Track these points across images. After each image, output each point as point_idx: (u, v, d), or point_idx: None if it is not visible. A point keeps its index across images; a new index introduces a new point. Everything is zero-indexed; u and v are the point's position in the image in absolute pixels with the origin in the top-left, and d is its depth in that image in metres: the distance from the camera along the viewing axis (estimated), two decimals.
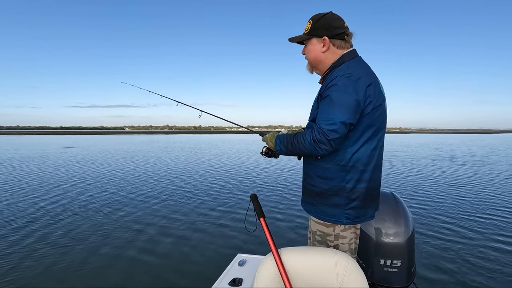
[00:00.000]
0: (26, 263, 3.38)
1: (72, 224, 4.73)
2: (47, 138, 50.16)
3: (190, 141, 37.12)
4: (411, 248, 1.43)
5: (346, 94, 1.22)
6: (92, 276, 3.12)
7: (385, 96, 1.42)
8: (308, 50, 1.44)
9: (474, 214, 5.26)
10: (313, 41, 1.41)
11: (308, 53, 1.45)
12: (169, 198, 6.51)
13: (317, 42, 1.40)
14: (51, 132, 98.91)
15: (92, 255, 3.59)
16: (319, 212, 1.38)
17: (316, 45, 1.41)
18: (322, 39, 1.39)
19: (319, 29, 1.38)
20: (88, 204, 5.99)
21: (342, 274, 1.18)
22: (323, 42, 1.39)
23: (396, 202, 1.52)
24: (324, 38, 1.38)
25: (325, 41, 1.38)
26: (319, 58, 1.41)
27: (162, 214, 5.32)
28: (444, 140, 45.00)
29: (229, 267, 1.90)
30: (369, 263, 1.45)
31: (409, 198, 6.44)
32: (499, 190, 7.49)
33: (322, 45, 1.39)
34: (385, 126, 1.37)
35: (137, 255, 3.61)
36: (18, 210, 5.48)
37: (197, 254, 3.65)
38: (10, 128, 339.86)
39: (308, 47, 1.44)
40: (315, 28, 1.39)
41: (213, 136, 64.98)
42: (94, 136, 62.93)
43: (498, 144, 32.42)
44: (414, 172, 10.60)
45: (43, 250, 3.74)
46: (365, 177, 1.30)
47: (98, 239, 4.12)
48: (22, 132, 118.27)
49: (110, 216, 5.17)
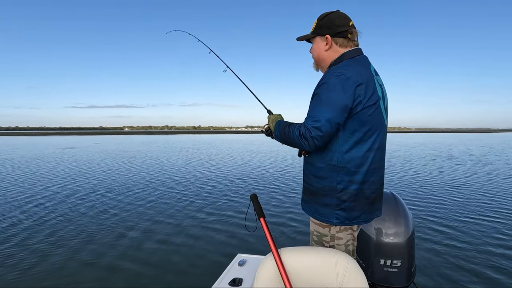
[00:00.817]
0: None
1: (56, 226, 4.63)
2: (46, 138, 50.07)
3: (190, 141, 37.10)
4: (411, 248, 1.43)
5: (333, 92, 1.23)
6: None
7: (385, 97, 1.40)
8: (313, 48, 1.47)
9: (474, 214, 5.27)
10: (317, 40, 1.43)
11: (312, 52, 1.48)
12: (169, 198, 6.50)
13: (321, 40, 1.42)
14: (51, 133, 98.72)
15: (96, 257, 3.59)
16: (313, 210, 1.39)
17: (319, 44, 1.42)
18: (324, 37, 1.40)
19: (322, 28, 1.40)
20: (75, 206, 5.86)
21: (342, 274, 1.18)
22: (325, 40, 1.40)
23: (396, 202, 1.52)
24: (327, 37, 1.39)
25: (328, 40, 1.39)
26: (322, 56, 1.43)
27: (162, 214, 5.32)
28: (443, 139, 45.06)
29: (229, 267, 1.90)
30: (369, 263, 1.45)
31: (409, 198, 6.45)
32: (499, 189, 7.50)
33: (325, 44, 1.41)
34: (382, 128, 1.35)
35: (137, 255, 3.61)
36: (1, 214, 5.33)
37: (197, 254, 3.64)
38: (9, 128, 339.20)
39: (313, 46, 1.47)
40: (318, 26, 1.41)
41: (212, 136, 64.95)
42: (93, 136, 62.83)
43: (496, 144, 32.48)
44: (414, 172, 10.62)
45: (20, 255, 3.59)
46: (356, 178, 1.29)
47: (104, 240, 4.11)
48: (21, 133, 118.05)
49: (112, 217, 5.16)
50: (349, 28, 1.38)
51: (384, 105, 1.37)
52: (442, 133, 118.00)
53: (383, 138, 1.37)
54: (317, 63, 1.48)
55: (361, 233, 1.46)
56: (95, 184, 8.24)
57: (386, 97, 1.41)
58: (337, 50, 1.39)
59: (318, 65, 1.49)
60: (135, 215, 5.25)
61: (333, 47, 1.39)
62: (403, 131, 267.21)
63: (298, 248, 1.30)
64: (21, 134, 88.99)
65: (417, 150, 22.16)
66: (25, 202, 6.20)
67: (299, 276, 1.22)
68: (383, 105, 1.35)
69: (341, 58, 1.37)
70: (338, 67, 1.31)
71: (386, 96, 1.43)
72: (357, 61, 1.34)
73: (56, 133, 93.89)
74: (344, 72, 1.25)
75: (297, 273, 1.22)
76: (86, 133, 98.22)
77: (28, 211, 5.51)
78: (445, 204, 5.97)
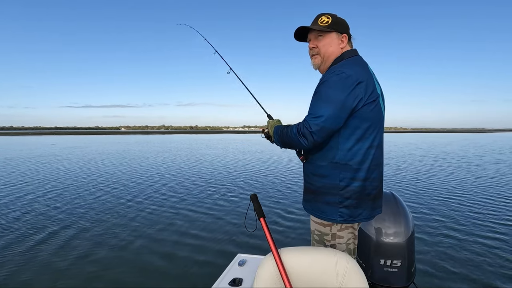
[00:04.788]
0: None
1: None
2: (41, 138, 49.65)
3: (187, 141, 36.98)
4: (411, 248, 1.44)
5: (334, 90, 1.25)
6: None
7: (383, 95, 1.42)
8: (326, 43, 1.42)
9: (475, 214, 5.30)
10: (333, 35, 1.41)
11: (324, 46, 1.42)
12: (168, 198, 6.49)
13: (337, 37, 1.42)
14: (46, 133, 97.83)
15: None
16: (315, 209, 1.39)
17: (334, 40, 1.42)
18: (342, 35, 1.42)
19: (340, 25, 1.41)
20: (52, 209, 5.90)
21: (342, 274, 1.18)
22: (342, 38, 1.42)
23: (396, 202, 1.53)
24: (345, 35, 1.41)
25: (345, 38, 1.42)
26: (336, 53, 1.42)
27: (162, 213, 5.31)
28: (442, 139, 45.33)
29: (229, 267, 1.90)
30: (369, 263, 1.45)
31: (409, 198, 6.47)
32: (498, 189, 7.54)
33: (341, 41, 1.42)
34: (381, 125, 1.37)
35: (137, 255, 3.59)
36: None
37: (197, 254, 3.64)
38: (4, 128, 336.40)
39: (326, 40, 1.42)
40: (335, 23, 1.40)
41: (210, 136, 64.81)
42: (89, 136, 62.39)
43: (490, 143, 32.72)
44: (414, 172, 10.68)
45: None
46: (359, 176, 1.31)
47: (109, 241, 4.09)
48: (16, 132, 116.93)
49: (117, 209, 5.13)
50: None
51: (383, 103, 1.40)
52: (438, 133, 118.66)
53: (382, 135, 1.40)
54: (325, 58, 1.43)
55: (361, 233, 1.46)
56: (93, 185, 8.21)
57: (383, 95, 1.43)
58: (345, 49, 1.43)
59: (325, 61, 1.44)
60: (135, 215, 5.23)
61: (346, 47, 1.43)
62: (399, 131, 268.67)
63: (298, 248, 1.30)
64: (16, 134, 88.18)
65: (416, 150, 22.26)
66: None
67: (299, 276, 1.22)
68: (382, 103, 1.38)
69: (341, 57, 1.40)
70: (339, 66, 1.33)
71: (383, 94, 1.44)
72: (356, 61, 1.37)
73: (52, 133, 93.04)
74: (344, 71, 1.27)
75: (297, 273, 1.22)
76: (82, 133, 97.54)
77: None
78: (445, 204, 6.00)
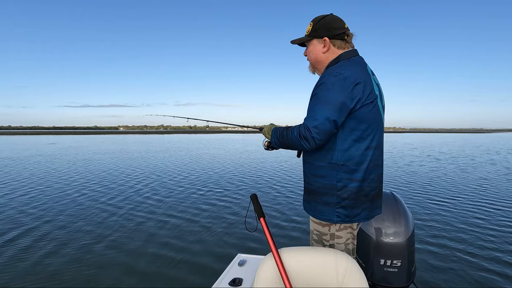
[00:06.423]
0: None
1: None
2: (40, 138, 49.52)
3: (186, 141, 36.94)
4: (411, 248, 1.44)
5: (332, 92, 1.25)
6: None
7: (382, 96, 1.42)
8: (309, 51, 1.48)
9: (475, 214, 5.31)
10: (314, 42, 1.45)
11: (309, 54, 1.49)
12: (168, 198, 6.49)
13: (318, 43, 1.43)
14: (45, 132, 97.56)
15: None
16: (313, 209, 1.40)
17: (317, 46, 1.44)
18: (322, 40, 1.41)
19: (319, 30, 1.41)
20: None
21: (342, 274, 1.19)
22: (323, 42, 1.42)
23: (396, 202, 1.53)
24: (325, 39, 1.41)
25: (326, 42, 1.41)
26: (319, 58, 1.44)
27: (161, 213, 5.30)
28: (443, 139, 45.43)
29: (229, 267, 1.90)
30: (369, 263, 1.46)
31: (409, 198, 6.48)
32: (500, 189, 7.56)
33: (323, 46, 1.42)
34: (379, 126, 1.37)
35: (137, 255, 3.59)
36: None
37: (197, 254, 3.64)
38: (2, 128, 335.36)
39: (309, 48, 1.48)
40: (315, 29, 1.42)
41: (208, 136, 64.76)
42: (89, 136, 62.25)
43: (488, 142, 32.82)
44: (414, 172, 10.69)
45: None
46: (356, 176, 1.31)
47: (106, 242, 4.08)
48: (14, 132, 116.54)
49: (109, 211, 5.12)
50: (346, 30, 1.41)
51: (382, 104, 1.40)
52: (437, 133, 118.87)
53: (381, 137, 1.40)
54: (314, 65, 1.49)
55: (361, 233, 1.47)
56: (91, 185, 8.20)
57: (382, 96, 1.43)
58: (335, 51, 1.42)
59: (315, 68, 1.50)
60: (135, 215, 5.23)
61: (331, 49, 1.41)
62: (398, 131, 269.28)
63: (298, 248, 1.30)
64: (14, 133, 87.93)
65: (416, 150, 22.30)
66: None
67: (299, 276, 1.23)
68: (380, 104, 1.38)
69: (338, 59, 1.39)
70: (336, 67, 1.33)
71: (383, 95, 1.45)
72: (354, 62, 1.37)
73: (50, 133, 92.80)
74: (342, 72, 1.27)
75: (297, 273, 1.23)
76: (80, 133, 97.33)
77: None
78: (445, 204, 6.01)
